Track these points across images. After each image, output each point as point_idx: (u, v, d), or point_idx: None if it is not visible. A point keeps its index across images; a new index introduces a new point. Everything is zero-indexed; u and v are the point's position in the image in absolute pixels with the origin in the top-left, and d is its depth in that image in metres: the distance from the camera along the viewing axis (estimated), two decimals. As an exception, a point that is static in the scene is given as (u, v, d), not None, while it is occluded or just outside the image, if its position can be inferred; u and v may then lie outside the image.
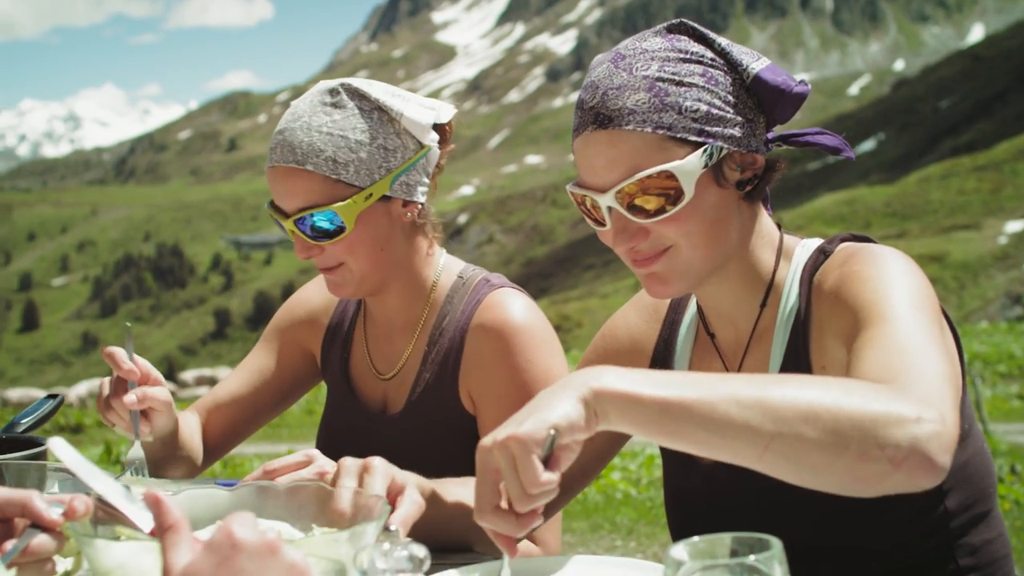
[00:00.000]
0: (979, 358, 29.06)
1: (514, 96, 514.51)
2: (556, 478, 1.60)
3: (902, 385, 1.68)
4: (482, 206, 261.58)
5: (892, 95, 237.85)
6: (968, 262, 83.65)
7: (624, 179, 2.03)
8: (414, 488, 2.07)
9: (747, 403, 1.58)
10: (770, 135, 2.19)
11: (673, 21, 2.15)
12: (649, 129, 2.01)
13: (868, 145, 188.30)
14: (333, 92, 2.71)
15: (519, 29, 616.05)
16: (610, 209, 2.08)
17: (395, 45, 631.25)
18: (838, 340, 2.03)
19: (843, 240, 2.23)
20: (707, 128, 2.03)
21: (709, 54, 2.09)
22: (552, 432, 1.59)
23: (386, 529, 1.51)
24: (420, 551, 1.33)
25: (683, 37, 2.12)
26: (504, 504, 1.65)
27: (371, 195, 2.67)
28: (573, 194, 2.15)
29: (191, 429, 2.99)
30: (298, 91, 2.96)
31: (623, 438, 2.51)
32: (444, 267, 2.92)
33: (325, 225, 2.66)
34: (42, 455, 2.43)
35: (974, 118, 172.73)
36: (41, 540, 1.54)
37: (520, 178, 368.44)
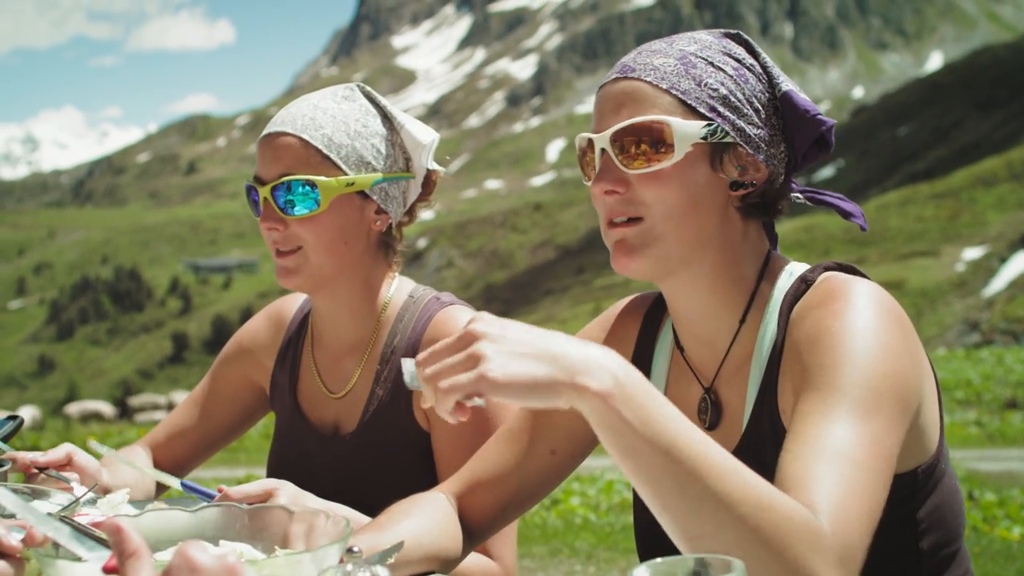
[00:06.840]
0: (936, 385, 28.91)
1: (474, 121, 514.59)
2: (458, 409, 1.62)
3: (822, 521, 1.62)
4: (441, 230, 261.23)
5: (851, 122, 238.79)
6: (926, 289, 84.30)
7: (623, 122, 2.05)
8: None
9: (698, 494, 1.57)
10: (794, 185, 2.22)
11: (731, 31, 2.21)
12: (664, 86, 2.04)
13: (827, 172, 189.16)
14: (348, 88, 2.84)
15: (479, 54, 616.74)
16: (603, 152, 2.08)
17: (355, 69, 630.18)
18: (794, 392, 1.96)
19: (826, 269, 2.15)
20: (719, 108, 2.05)
21: (750, 60, 2.14)
22: (483, 403, 1.60)
23: (349, 551, 1.51)
24: (383, 572, 1.31)
25: (734, 43, 2.17)
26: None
27: (352, 183, 2.70)
28: (579, 142, 2.17)
29: (140, 464, 2.97)
30: (257, 115, 2.89)
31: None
32: (396, 288, 2.95)
33: (299, 198, 2.69)
34: (2, 476, 2.42)
35: (932, 145, 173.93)
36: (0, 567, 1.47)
37: (480, 203, 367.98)
